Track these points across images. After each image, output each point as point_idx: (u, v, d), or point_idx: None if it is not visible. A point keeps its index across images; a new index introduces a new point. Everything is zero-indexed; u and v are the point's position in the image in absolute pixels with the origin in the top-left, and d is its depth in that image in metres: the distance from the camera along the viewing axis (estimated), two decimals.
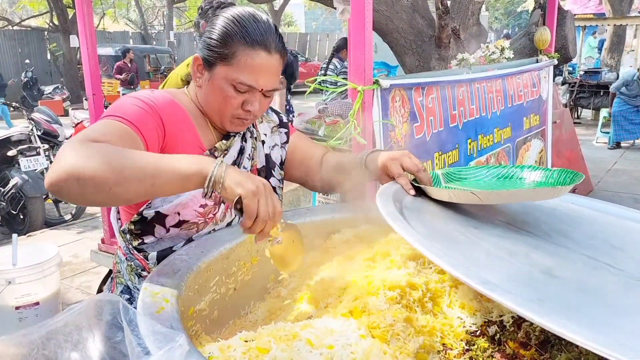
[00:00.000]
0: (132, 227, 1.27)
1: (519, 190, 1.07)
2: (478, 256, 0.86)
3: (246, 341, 0.85)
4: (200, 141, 1.28)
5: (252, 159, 1.39)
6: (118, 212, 1.35)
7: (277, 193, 1.48)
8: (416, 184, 1.20)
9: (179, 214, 1.25)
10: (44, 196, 5.01)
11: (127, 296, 1.35)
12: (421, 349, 0.90)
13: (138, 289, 1.31)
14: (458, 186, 1.25)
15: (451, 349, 0.93)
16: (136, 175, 0.96)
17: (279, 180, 1.49)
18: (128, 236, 1.30)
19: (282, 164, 1.49)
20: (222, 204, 1.31)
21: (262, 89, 1.22)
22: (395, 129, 2.10)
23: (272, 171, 1.47)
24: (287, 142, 1.50)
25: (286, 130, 1.51)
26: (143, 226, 1.27)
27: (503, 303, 0.67)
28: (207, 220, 1.28)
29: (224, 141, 1.32)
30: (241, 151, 1.36)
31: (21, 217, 4.94)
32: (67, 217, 5.30)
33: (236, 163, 1.34)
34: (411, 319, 0.94)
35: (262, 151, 1.44)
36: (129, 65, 11.71)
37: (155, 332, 0.75)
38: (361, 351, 0.84)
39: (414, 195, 1.16)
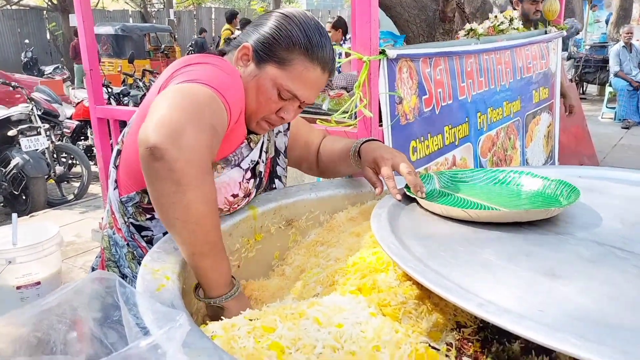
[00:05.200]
0: (145, 198, 1.18)
1: (511, 212, 1.04)
2: (477, 270, 0.83)
3: (251, 320, 0.82)
4: (244, 127, 1.22)
5: (267, 152, 1.34)
6: (116, 182, 1.23)
7: (282, 182, 1.44)
8: (410, 194, 1.15)
9: None
10: (46, 176, 4.97)
11: None
12: (434, 327, 0.86)
13: None
14: (452, 192, 1.22)
15: (465, 327, 0.89)
16: (200, 234, 0.95)
17: (283, 168, 1.45)
18: (130, 209, 1.21)
19: (285, 151, 1.45)
20: (248, 197, 1.26)
21: (303, 101, 1.20)
22: (403, 101, 2.03)
23: (277, 159, 1.42)
24: (288, 128, 1.45)
25: None
26: None
27: (501, 325, 0.65)
28: (231, 209, 1.22)
29: (256, 134, 1.27)
30: (262, 145, 1.30)
31: (23, 197, 4.90)
32: (70, 197, 5.26)
33: (260, 158, 1.28)
34: (423, 296, 0.90)
35: (273, 140, 1.39)
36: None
37: (155, 311, 0.71)
38: (372, 330, 0.80)
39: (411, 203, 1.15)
